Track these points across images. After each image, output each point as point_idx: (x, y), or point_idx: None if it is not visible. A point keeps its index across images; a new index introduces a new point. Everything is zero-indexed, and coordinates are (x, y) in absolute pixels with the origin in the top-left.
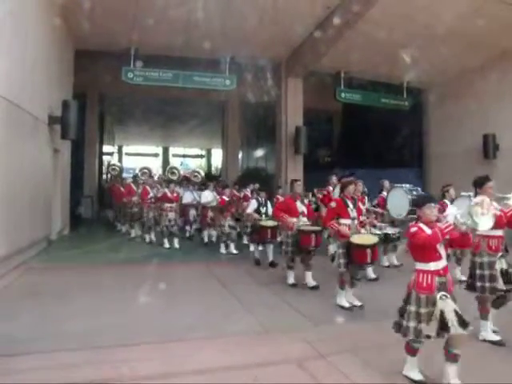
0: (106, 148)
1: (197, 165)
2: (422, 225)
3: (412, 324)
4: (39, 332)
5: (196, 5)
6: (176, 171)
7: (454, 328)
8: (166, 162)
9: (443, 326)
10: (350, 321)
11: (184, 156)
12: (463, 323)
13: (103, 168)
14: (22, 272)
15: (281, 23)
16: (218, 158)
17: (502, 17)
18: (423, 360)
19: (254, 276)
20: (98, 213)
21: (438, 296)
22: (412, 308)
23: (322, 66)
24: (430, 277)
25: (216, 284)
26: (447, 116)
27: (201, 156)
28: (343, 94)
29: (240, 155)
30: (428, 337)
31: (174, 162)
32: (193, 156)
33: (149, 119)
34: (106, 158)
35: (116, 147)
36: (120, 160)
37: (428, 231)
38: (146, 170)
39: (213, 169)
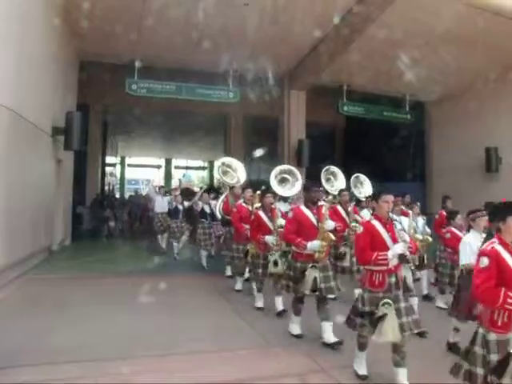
0: (109, 159)
1: (199, 177)
2: None
3: None
4: (36, 344)
5: (200, 17)
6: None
7: None
8: (168, 173)
9: None
10: (351, 335)
11: (187, 168)
12: None
13: (106, 179)
14: (21, 283)
15: (284, 36)
16: None
17: (501, 30)
18: None
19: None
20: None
21: None
22: None
23: (325, 80)
24: None
25: (217, 297)
26: (450, 129)
27: (203, 168)
28: (346, 107)
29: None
30: None
31: (177, 173)
32: (195, 168)
33: (152, 131)
34: (108, 169)
35: (119, 158)
36: (122, 171)
37: None
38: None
39: (215, 181)
